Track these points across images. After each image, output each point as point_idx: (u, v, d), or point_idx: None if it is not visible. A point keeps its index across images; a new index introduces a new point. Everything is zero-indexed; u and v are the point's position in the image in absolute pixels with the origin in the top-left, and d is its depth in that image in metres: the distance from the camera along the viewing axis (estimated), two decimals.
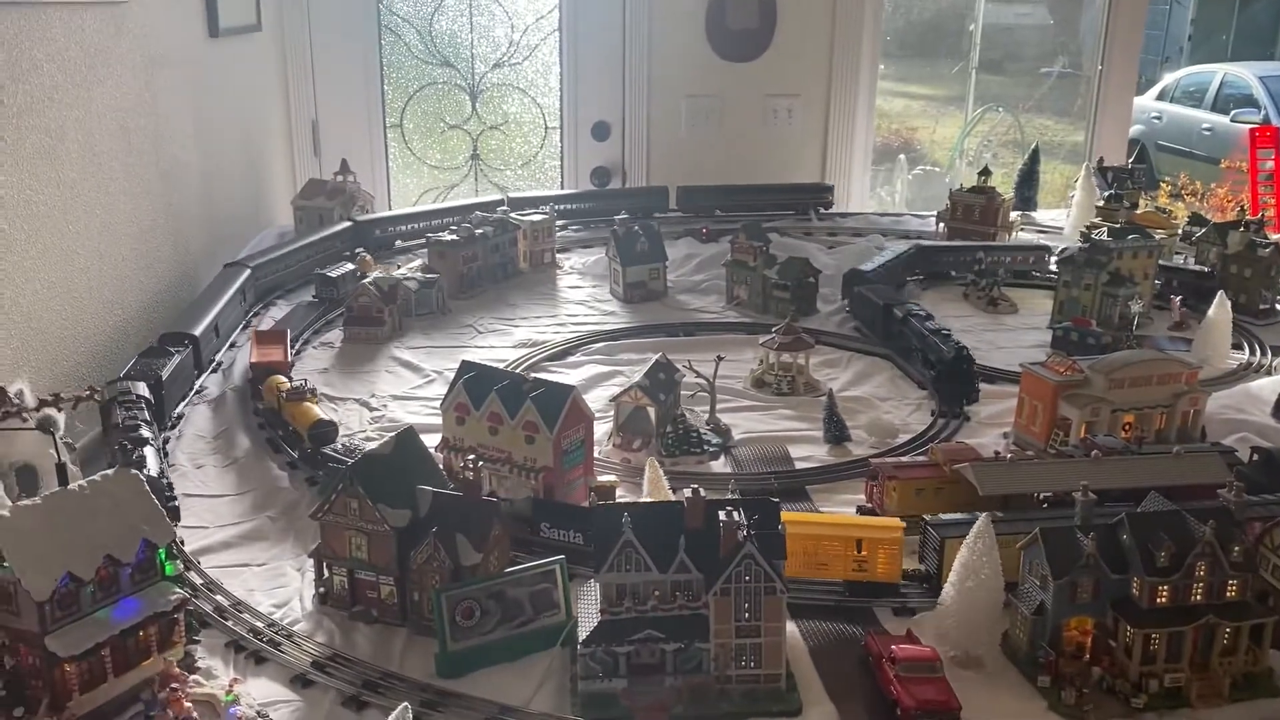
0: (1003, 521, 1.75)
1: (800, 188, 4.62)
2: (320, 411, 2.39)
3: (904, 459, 2.12)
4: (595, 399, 2.74)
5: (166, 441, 2.43)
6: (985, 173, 4.03)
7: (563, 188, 5.11)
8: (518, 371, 2.70)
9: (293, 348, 2.95)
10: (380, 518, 1.75)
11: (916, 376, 2.94)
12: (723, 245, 3.85)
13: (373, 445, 1.97)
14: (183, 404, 2.64)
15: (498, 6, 5.06)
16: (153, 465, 2.03)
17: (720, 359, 2.65)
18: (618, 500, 1.96)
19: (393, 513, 1.75)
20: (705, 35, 5.00)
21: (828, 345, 3.18)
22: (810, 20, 5.01)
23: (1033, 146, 4.75)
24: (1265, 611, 1.61)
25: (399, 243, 4.01)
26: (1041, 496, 2.01)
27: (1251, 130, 6.03)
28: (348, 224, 3.89)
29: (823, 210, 4.52)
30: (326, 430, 2.32)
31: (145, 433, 2.16)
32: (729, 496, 1.70)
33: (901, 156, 7.24)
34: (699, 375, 2.59)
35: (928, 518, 1.87)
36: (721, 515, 1.55)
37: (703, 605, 1.56)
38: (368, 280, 3.24)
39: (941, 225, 4.11)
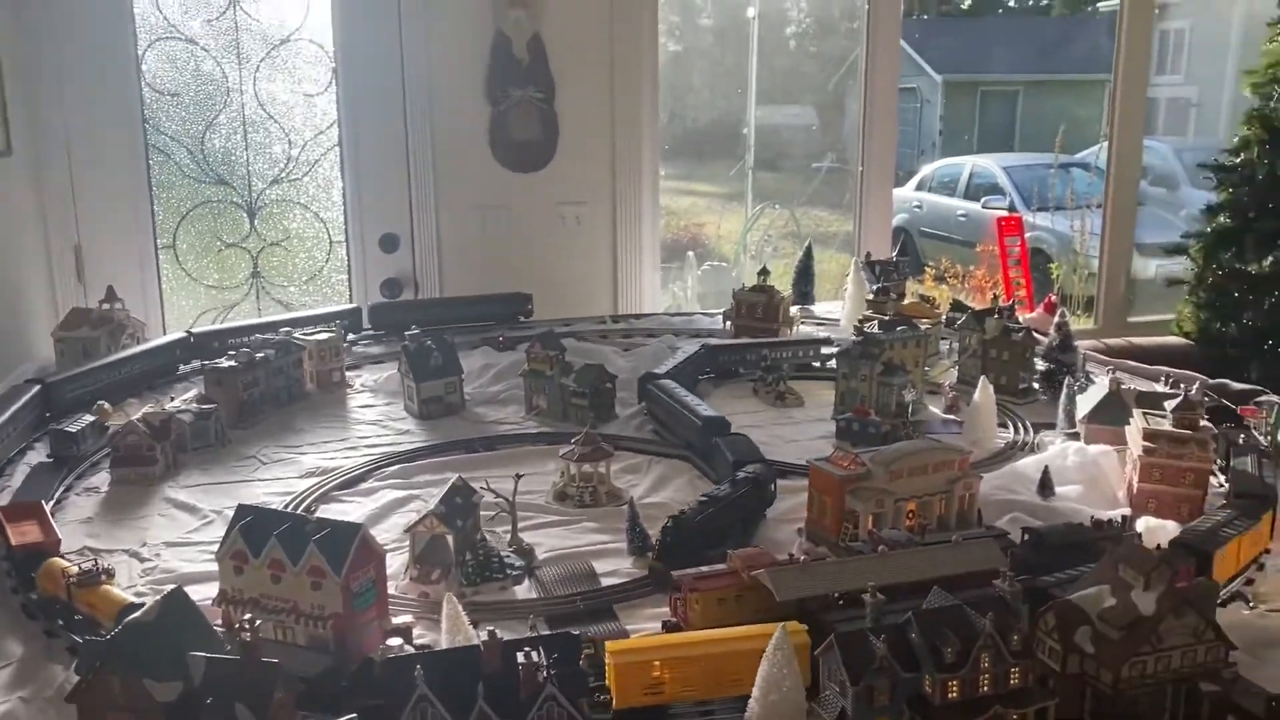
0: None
1: (499, 298, 4.53)
2: (125, 594, 2.14)
3: (705, 569, 2.13)
4: (391, 528, 2.64)
5: None
6: (764, 272, 4.21)
7: (351, 301, 4.98)
8: (303, 508, 2.57)
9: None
10: (146, 694, 1.59)
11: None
12: (521, 353, 3.83)
13: (137, 611, 1.80)
14: None
15: (273, 123, 4.95)
16: None
17: (519, 476, 2.60)
18: (415, 643, 1.88)
19: (160, 687, 1.60)
20: (490, 147, 5.06)
21: (628, 450, 3.19)
22: (591, 131, 5.16)
23: (806, 245, 5.01)
24: (1046, 695, 1.68)
25: (180, 367, 3.81)
26: (837, 595, 2.06)
27: (998, 219, 6.59)
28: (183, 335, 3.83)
29: (522, 319, 4.46)
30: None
31: None
32: (528, 634, 1.64)
33: (690, 254, 7.49)
34: (498, 495, 2.54)
35: None
36: (520, 657, 1.50)
37: None
38: (136, 416, 3.02)
39: (728, 323, 4.25)
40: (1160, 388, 3.23)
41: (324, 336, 3.78)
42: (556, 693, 1.46)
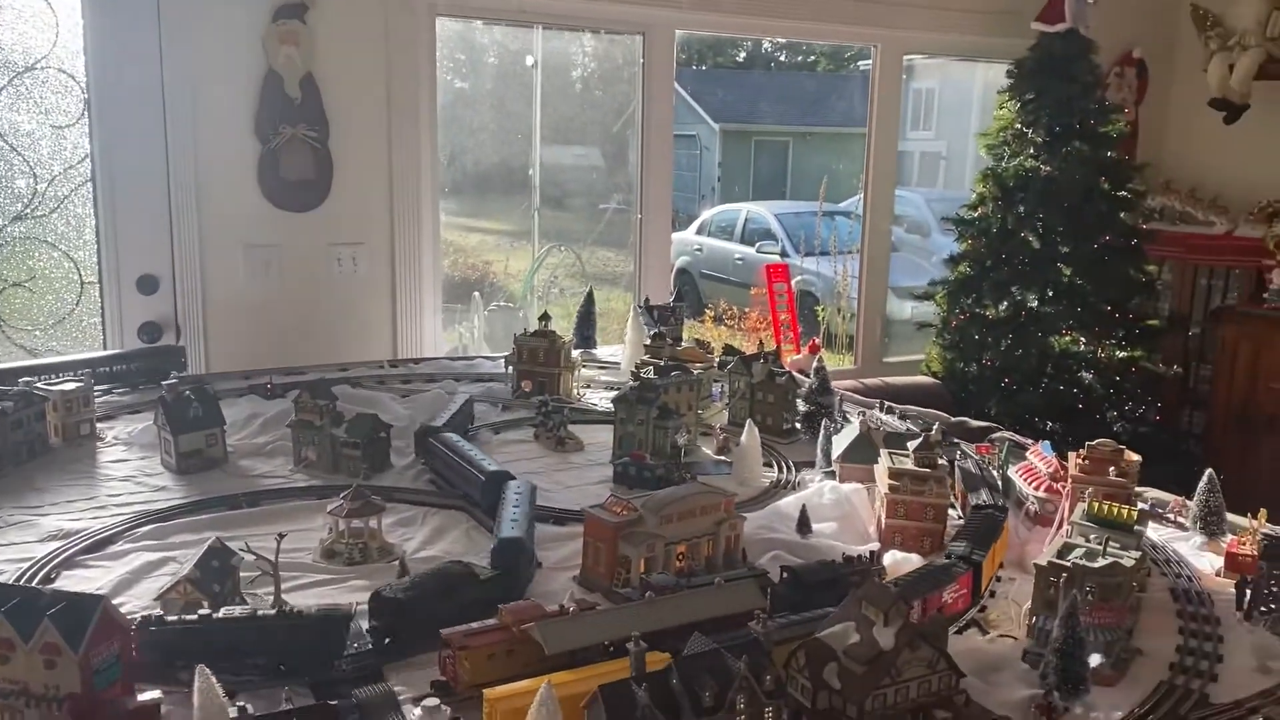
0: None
1: (142, 353, 4.09)
2: None
3: (475, 625, 2.12)
4: (143, 594, 2.48)
5: None
6: (545, 317, 4.25)
7: (105, 347, 4.66)
8: (40, 577, 2.38)
9: None
10: None
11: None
12: (290, 402, 3.69)
13: None
14: None
15: (16, 156, 4.59)
16: None
17: (281, 536, 2.50)
18: None
19: None
20: (259, 185, 4.88)
21: (402, 503, 3.13)
22: (367, 170, 5.07)
23: (588, 290, 5.10)
24: None
25: None
26: (607, 643, 2.09)
27: (766, 267, 6.93)
28: None
29: (175, 375, 3.83)
30: None
31: None
32: (284, 708, 1.58)
33: (476, 294, 7.46)
34: (259, 556, 2.43)
35: None
36: None
37: None
38: None
39: (510, 368, 4.26)
40: (908, 426, 3.49)
41: (70, 386, 3.52)
42: None
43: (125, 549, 2.77)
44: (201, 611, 2.08)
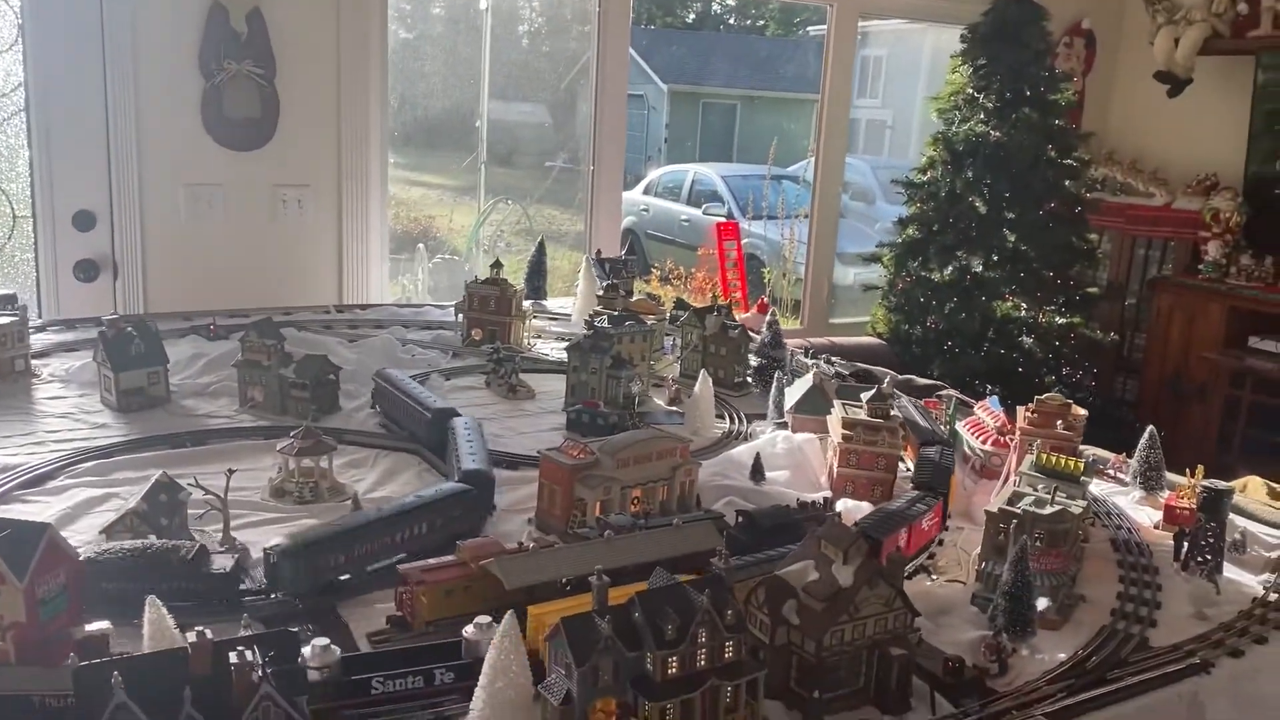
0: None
1: None
2: None
3: (432, 561, 2.10)
4: (86, 529, 2.42)
5: None
6: (497, 265, 4.20)
7: (39, 285, 4.51)
8: None
9: None
10: None
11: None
12: (235, 343, 3.61)
13: None
14: None
15: None
16: None
17: (231, 472, 2.46)
18: (112, 652, 1.72)
19: None
20: (202, 122, 4.73)
21: (353, 444, 3.09)
22: (315, 112, 4.95)
23: (539, 240, 5.05)
24: (757, 666, 1.79)
25: None
26: (565, 581, 2.09)
27: (716, 224, 6.93)
28: None
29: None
30: None
31: None
32: (241, 634, 1.56)
33: (420, 245, 7.36)
34: (207, 492, 2.38)
35: None
36: (232, 656, 1.42)
37: None
38: None
39: (460, 316, 4.21)
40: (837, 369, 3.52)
41: (4, 320, 3.40)
42: (273, 692, 1.39)
43: (66, 484, 2.69)
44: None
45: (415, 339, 4.19)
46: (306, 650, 1.66)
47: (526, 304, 4.45)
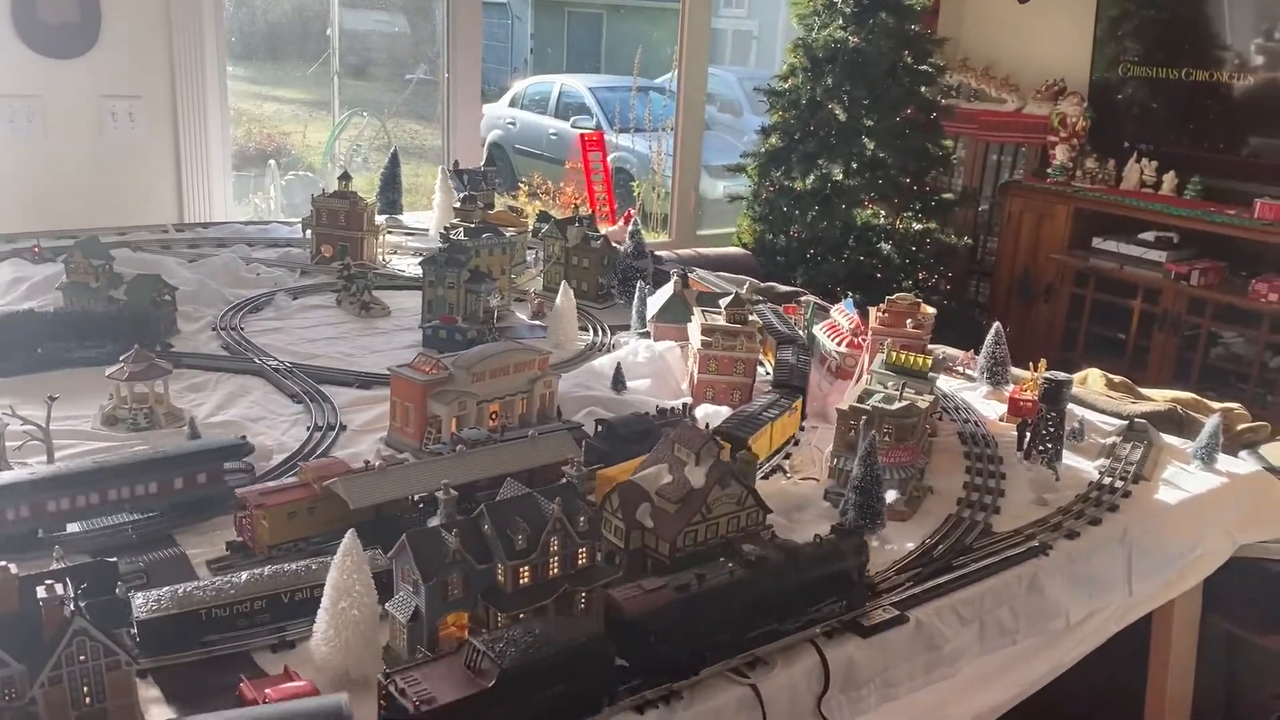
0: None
1: None
2: None
3: (272, 484, 2.01)
4: None
5: None
6: (345, 177, 4.01)
7: None
8: None
9: None
10: None
11: (291, 390, 2.84)
12: (60, 265, 3.37)
13: None
14: None
15: None
16: None
17: (53, 399, 2.29)
18: None
19: None
20: (14, 27, 4.33)
21: (193, 368, 2.94)
22: (141, 15, 4.58)
23: (391, 150, 4.85)
24: (612, 571, 1.78)
25: None
26: (417, 499, 2.03)
27: (581, 135, 6.80)
28: None
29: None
30: None
31: None
32: (53, 567, 1.45)
33: (271, 162, 7.00)
34: (26, 421, 2.22)
35: None
36: (41, 591, 1.32)
37: (29, 702, 1.32)
38: None
39: (308, 232, 4.03)
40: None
41: None
42: (88, 625, 1.30)
43: None
44: None
45: (261, 258, 3.98)
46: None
47: (380, 218, 4.28)
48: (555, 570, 1.70)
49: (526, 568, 1.67)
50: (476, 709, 1.39)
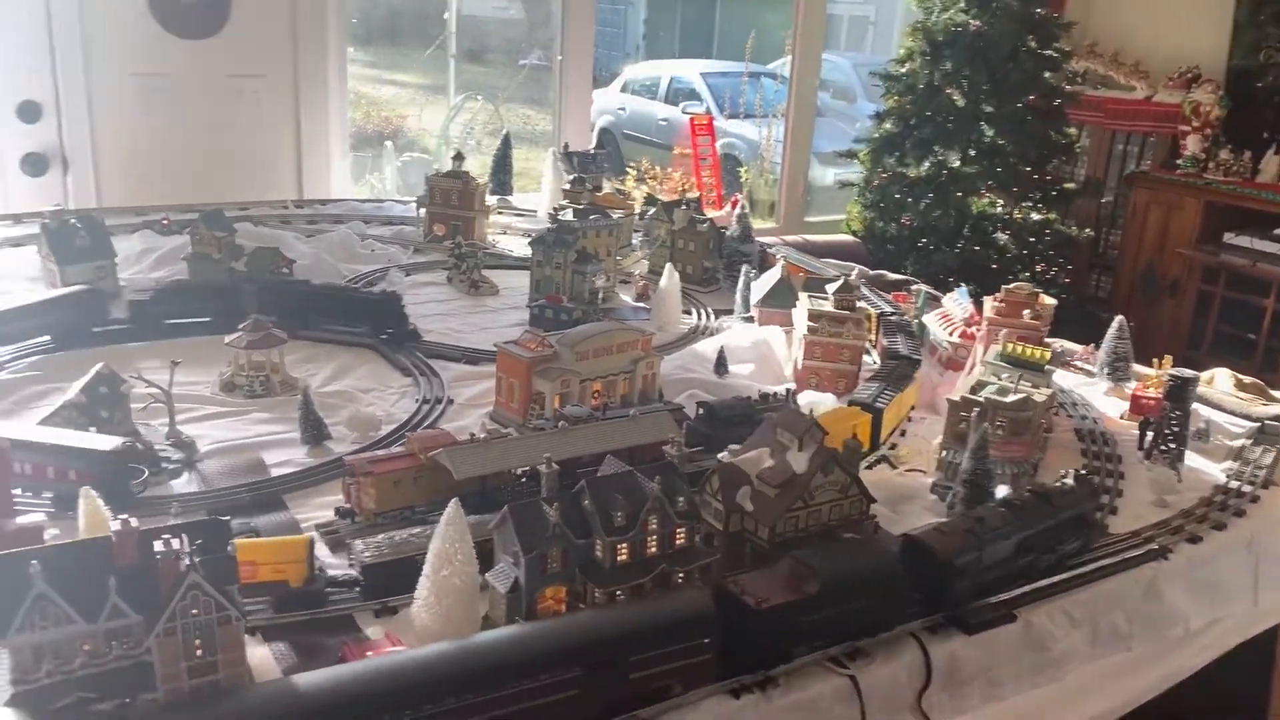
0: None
1: None
2: None
3: (380, 453, 2.05)
4: (28, 421, 2.34)
5: None
6: (459, 157, 4.07)
7: None
8: None
9: None
10: None
11: (401, 364, 2.89)
12: (187, 237, 3.50)
13: None
14: None
15: None
16: None
17: (176, 364, 2.38)
18: (46, 544, 1.67)
19: None
20: (149, 7, 4.51)
21: (306, 339, 3.02)
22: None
23: (504, 133, 4.90)
24: (710, 552, 1.76)
25: None
26: (520, 472, 2.05)
27: (691, 119, 6.76)
28: None
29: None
30: None
31: None
32: (170, 523, 1.50)
33: (388, 143, 7.16)
34: (150, 385, 2.31)
35: None
36: (158, 545, 1.37)
37: (145, 652, 1.37)
38: None
39: (422, 210, 4.10)
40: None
41: None
42: (201, 580, 1.34)
43: (6, 379, 2.61)
44: None
45: (375, 234, 4.07)
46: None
47: (491, 199, 4.33)
48: (653, 549, 1.70)
49: (625, 545, 1.66)
50: (802, 610, 1.65)
